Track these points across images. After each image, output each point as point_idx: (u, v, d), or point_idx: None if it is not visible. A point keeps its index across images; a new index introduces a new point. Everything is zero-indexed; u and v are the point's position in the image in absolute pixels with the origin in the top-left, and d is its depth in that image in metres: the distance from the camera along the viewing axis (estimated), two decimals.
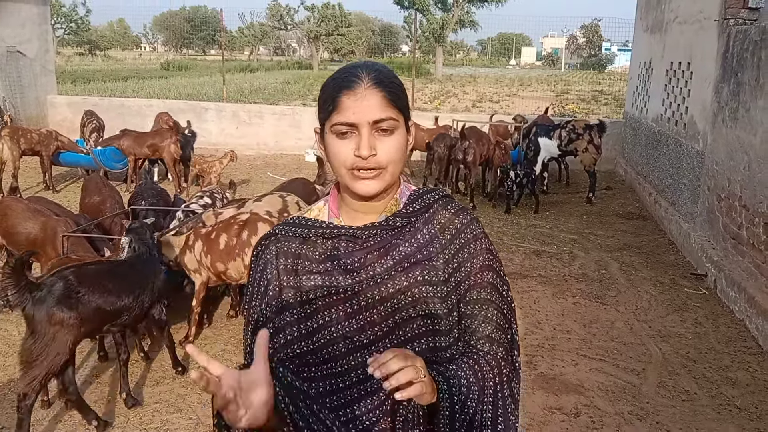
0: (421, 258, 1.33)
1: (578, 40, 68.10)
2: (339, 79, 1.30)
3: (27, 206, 5.03)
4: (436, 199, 1.40)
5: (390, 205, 1.37)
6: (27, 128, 9.41)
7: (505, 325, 1.37)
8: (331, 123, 1.28)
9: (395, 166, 1.30)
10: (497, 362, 1.34)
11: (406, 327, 1.30)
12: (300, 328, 1.31)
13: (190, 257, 4.48)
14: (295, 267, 1.34)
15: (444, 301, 1.32)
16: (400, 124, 1.30)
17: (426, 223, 1.37)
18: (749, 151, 5.41)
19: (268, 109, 13.42)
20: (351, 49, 53.24)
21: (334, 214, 1.40)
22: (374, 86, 1.27)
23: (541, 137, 9.26)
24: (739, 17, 6.24)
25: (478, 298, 1.35)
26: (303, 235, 1.36)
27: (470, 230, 1.38)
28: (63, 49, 57.20)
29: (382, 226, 1.34)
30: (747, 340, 4.87)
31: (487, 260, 1.37)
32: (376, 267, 1.31)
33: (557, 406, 3.90)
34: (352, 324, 1.29)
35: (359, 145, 1.25)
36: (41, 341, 3.17)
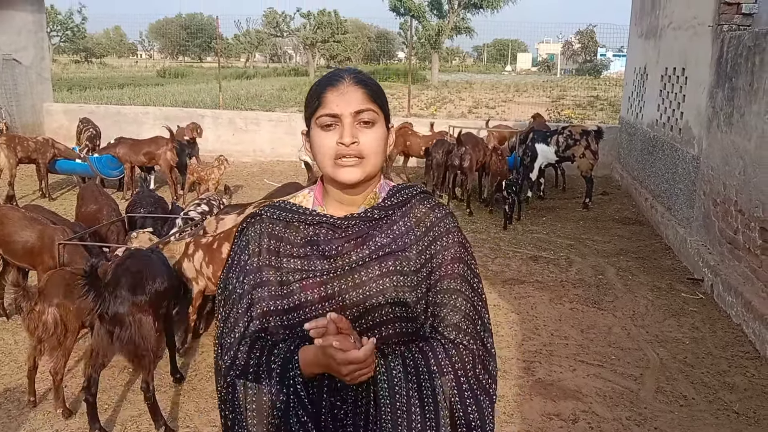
0: (396, 249, 1.41)
1: (573, 46, 68.32)
2: (324, 79, 1.43)
3: (23, 215, 5.02)
4: (414, 194, 1.49)
5: (369, 198, 1.47)
6: (23, 136, 9.40)
7: (475, 316, 1.44)
8: (316, 116, 1.39)
9: (376, 157, 1.40)
10: (460, 349, 1.40)
11: (375, 313, 1.38)
12: (276, 305, 1.40)
13: (188, 266, 4.47)
14: (277, 248, 1.43)
15: (414, 290, 1.40)
16: (380, 118, 1.41)
17: (403, 216, 1.45)
18: (744, 156, 5.43)
19: (264, 115, 13.43)
20: (347, 55, 53.31)
21: (318, 202, 1.50)
22: (355, 83, 1.39)
23: (538, 143, 9.28)
24: (732, 23, 6.28)
25: (448, 288, 1.42)
26: (287, 219, 1.46)
27: (444, 224, 1.46)
28: (59, 57, 57.15)
29: (361, 218, 1.43)
30: (744, 344, 4.87)
31: (459, 253, 1.45)
32: (352, 255, 1.40)
33: (555, 412, 3.90)
34: (326, 306, 1.37)
35: (342, 133, 1.36)
36: (133, 329, 3.42)
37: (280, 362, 1.35)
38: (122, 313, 3.41)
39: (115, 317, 3.39)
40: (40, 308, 3.57)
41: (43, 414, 3.75)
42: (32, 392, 3.81)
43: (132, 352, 3.46)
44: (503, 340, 4.85)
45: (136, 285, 3.51)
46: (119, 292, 3.43)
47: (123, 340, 3.42)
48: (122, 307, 3.41)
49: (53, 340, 3.59)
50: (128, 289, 3.47)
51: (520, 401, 4.01)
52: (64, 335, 3.62)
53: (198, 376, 4.26)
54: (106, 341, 3.41)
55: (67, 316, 3.62)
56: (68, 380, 4.16)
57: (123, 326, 3.41)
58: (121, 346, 3.43)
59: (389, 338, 1.39)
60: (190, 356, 4.54)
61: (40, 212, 5.32)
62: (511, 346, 4.76)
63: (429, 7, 42.36)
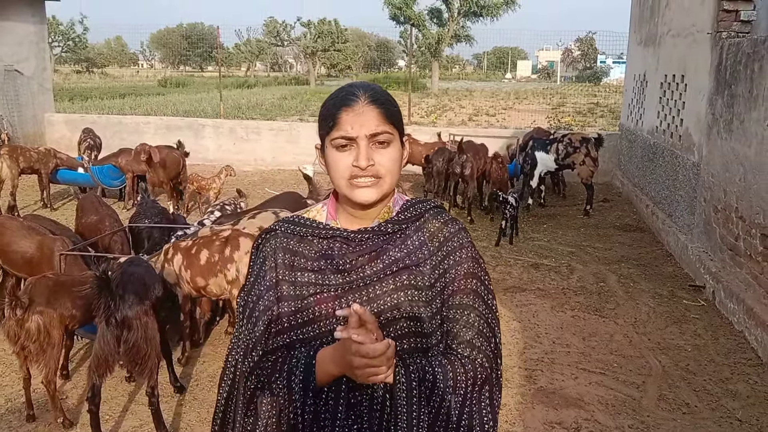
0: (409, 263, 1.42)
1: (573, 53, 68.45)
2: (338, 98, 1.40)
3: (23, 224, 5.02)
4: (427, 209, 1.49)
5: (383, 213, 1.47)
6: (26, 147, 9.43)
7: (488, 333, 1.44)
8: (331, 138, 1.38)
9: (391, 176, 1.40)
10: (473, 366, 1.40)
11: (390, 327, 1.38)
12: (292, 319, 1.41)
13: (169, 270, 4.47)
14: (291, 262, 1.44)
15: (428, 304, 1.40)
16: (395, 137, 1.40)
17: (416, 230, 1.46)
18: (744, 163, 5.44)
19: (265, 125, 13.47)
20: (347, 64, 53.49)
21: (331, 216, 1.50)
22: (371, 103, 1.37)
23: (538, 151, 9.29)
24: (731, 30, 6.30)
25: (461, 303, 1.42)
26: (301, 233, 1.46)
27: (457, 239, 1.46)
28: (60, 67, 57.35)
29: (375, 232, 1.43)
30: (746, 351, 4.86)
31: (472, 268, 1.45)
32: (366, 269, 1.40)
33: (557, 420, 3.88)
34: (340, 320, 1.36)
35: (357, 156, 1.36)
36: (140, 333, 3.47)
37: (303, 365, 1.36)
38: (130, 317, 3.45)
39: (123, 321, 3.43)
40: (23, 315, 3.57)
41: (45, 425, 3.75)
42: (30, 404, 3.81)
43: (136, 357, 3.49)
44: (505, 349, 4.84)
45: (141, 290, 3.59)
46: (127, 297, 3.47)
47: (129, 344, 3.45)
48: (131, 311, 3.46)
49: (36, 347, 3.59)
50: (135, 293, 3.52)
51: (522, 410, 3.99)
52: (48, 342, 3.62)
53: (199, 386, 4.26)
54: (112, 346, 3.42)
55: (50, 323, 3.63)
56: (69, 390, 4.16)
57: (131, 330, 3.46)
58: (127, 350, 3.46)
59: (403, 353, 1.38)
60: (191, 366, 4.53)
61: (40, 222, 5.33)
62: (512, 355, 4.75)
63: (429, 15, 42.47)
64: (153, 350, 3.55)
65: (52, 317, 3.63)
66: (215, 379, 4.35)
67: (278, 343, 1.42)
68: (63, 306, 3.71)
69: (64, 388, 4.20)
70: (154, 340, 3.57)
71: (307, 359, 1.37)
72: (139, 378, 3.94)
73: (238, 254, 4.27)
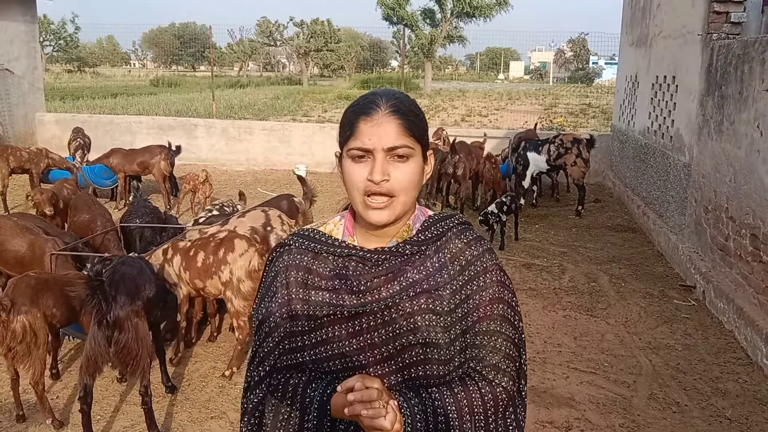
0: (428, 287, 1.34)
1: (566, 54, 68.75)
2: (358, 105, 1.34)
3: (15, 224, 5.00)
4: (450, 227, 1.42)
5: (402, 231, 1.40)
6: (16, 146, 9.37)
7: (515, 354, 1.39)
8: (347, 148, 1.32)
9: (407, 194, 1.33)
10: (497, 392, 1.35)
11: (405, 353, 1.33)
12: (304, 339, 1.36)
13: (169, 270, 4.47)
14: (305, 281, 1.38)
15: (446, 330, 1.33)
16: (415, 152, 1.33)
17: (437, 251, 1.38)
18: (734, 164, 5.48)
19: (257, 124, 13.44)
20: (340, 64, 53.47)
21: (348, 233, 1.43)
22: (391, 114, 1.30)
23: (530, 152, 9.33)
24: (721, 32, 6.34)
25: (488, 329, 1.36)
26: (315, 249, 1.40)
27: (481, 262, 1.38)
28: (52, 66, 57.06)
29: (392, 252, 1.36)
30: (736, 351, 4.89)
31: (498, 293, 1.38)
32: (382, 291, 1.34)
33: (549, 419, 3.90)
34: (353, 344, 1.33)
35: (372, 169, 1.29)
36: (131, 334, 3.47)
37: (317, 407, 1.33)
38: (122, 317, 3.44)
39: (115, 322, 3.42)
40: (7, 316, 3.55)
41: (36, 426, 3.73)
42: (19, 405, 3.79)
43: (127, 357, 3.48)
44: None
45: (132, 290, 3.58)
46: (118, 297, 3.46)
47: (120, 344, 3.44)
48: (122, 311, 3.45)
49: (23, 348, 3.57)
50: (126, 294, 3.51)
51: None
52: (34, 342, 3.60)
53: (191, 386, 4.25)
54: (103, 346, 3.41)
55: (36, 322, 3.61)
56: (60, 390, 4.14)
57: (122, 330, 3.45)
58: (118, 350, 3.44)
59: (419, 379, 1.33)
60: (182, 366, 4.52)
61: (33, 221, 5.31)
62: None
63: (422, 16, 42.54)
64: (144, 350, 3.54)
65: (36, 317, 3.61)
66: (207, 379, 4.35)
67: (291, 361, 1.38)
68: (46, 305, 3.70)
69: (55, 388, 4.18)
70: (145, 340, 3.56)
71: (321, 402, 1.33)
72: (131, 378, 3.94)
73: (232, 256, 4.27)
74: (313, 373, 1.38)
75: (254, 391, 1.42)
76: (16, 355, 3.60)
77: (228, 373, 4.34)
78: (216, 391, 4.16)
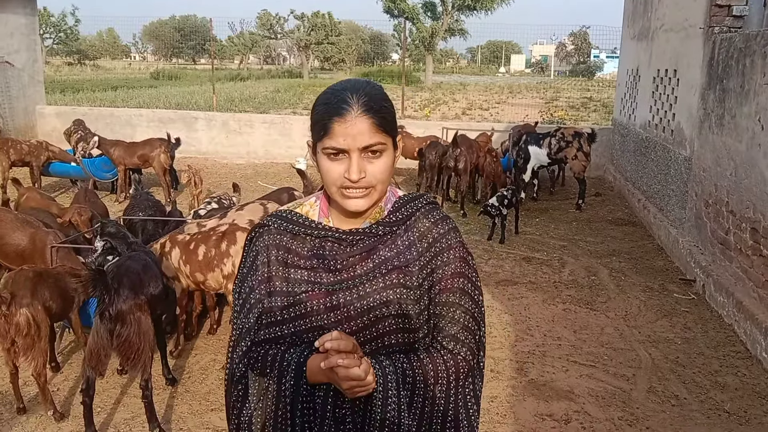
0: (399, 264, 1.44)
1: (567, 48, 68.55)
2: (329, 104, 1.36)
3: (16, 217, 5.01)
4: (418, 207, 1.51)
5: (374, 213, 1.49)
6: (17, 139, 9.37)
7: (473, 326, 1.49)
8: (322, 146, 1.37)
9: (383, 184, 1.42)
10: (457, 360, 1.46)
11: (379, 324, 1.43)
12: (285, 312, 1.44)
13: (167, 264, 4.46)
14: (285, 260, 1.47)
15: (416, 303, 1.44)
16: (388, 146, 1.40)
17: (406, 230, 1.48)
18: (735, 157, 5.47)
19: (258, 117, 13.42)
20: (341, 57, 53.34)
21: (324, 214, 1.51)
22: (363, 113, 1.34)
23: (531, 145, 9.31)
24: (723, 25, 6.32)
25: (447, 301, 1.46)
26: (293, 231, 1.48)
27: (446, 240, 1.49)
28: (52, 59, 56.97)
29: (366, 233, 1.46)
30: (735, 344, 4.90)
31: (460, 268, 1.48)
32: (357, 269, 1.44)
33: (548, 412, 3.91)
34: (330, 317, 1.42)
35: (349, 169, 1.35)
36: (133, 328, 3.47)
37: (293, 369, 1.41)
38: (124, 311, 3.45)
39: (117, 315, 3.43)
40: (10, 310, 3.55)
41: (36, 417, 3.74)
42: (19, 398, 3.80)
43: (129, 351, 3.49)
44: (496, 341, 4.86)
45: (136, 285, 3.59)
46: (122, 291, 3.47)
47: (122, 338, 3.45)
48: (125, 305, 3.46)
49: (28, 341, 3.58)
50: (130, 288, 3.52)
51: (512, 402, 4.02)
52: (38, 335, 3.61)
53: (191, 379, 4.26)
54: (105, 339, 3.42)
55: (38, 315, 3.62)
56: (60, 383, 4.16)
57: (124, 324, 3.46)
58: (119, 344, 3.46)
59: (391, 347, 1.44)
60: (183, 359, 4.54)
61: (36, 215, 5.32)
62: (504, 347, 4.77)
63: (423, 9, 42.41)
64: (146, 345, 3.55)
65: (38, 309, 3.63)
66: (207, 371, 4.36)
67: (270, 335, 1.45)
68: (44, 298, 3.71)
69: (55, 380, 4.19)
70: (147, 334, 3.57)
71: (297, 364, 1.41)
72: (132, 372, 3.95)
73: (235, 249, 4.27)
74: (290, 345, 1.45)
75: (238, 365, 1.48)
76: (19, 348, 3.60)
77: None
78: (216, 384, 4.18)
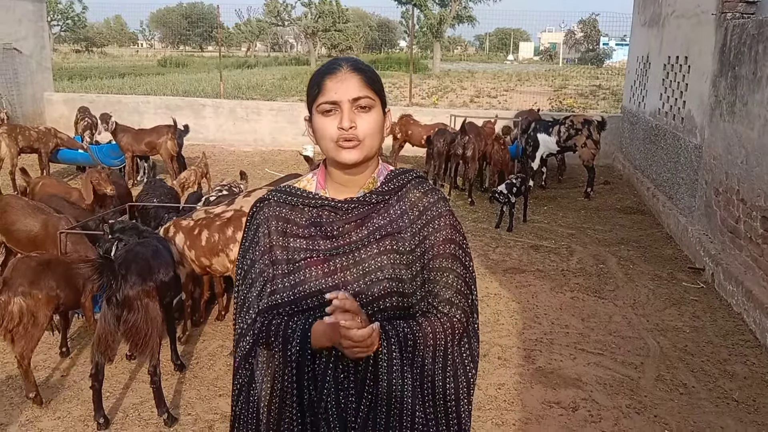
0: (392, 230, 1.54)
1: (576, 35, 67.95)
2: (323, 68, 1.54)
3: (27, 203, 5.03)
4: (409, 179, 1.60)
5: (368, 183, 1.58)
6: (25, 126, 9.39)
7: (465, 290, 1.57)
8: (317, 104, 1.50)
9: (372, 139, 1.51)
10: (453, 322, 1.54)
11: (374, 287, 1.50)
12: (286, 280, 1.53)
13: (172, 249, 4.46)
14: (284, 229, 1.56)
15: (409, 267, 1.53)
16: (376, 103, 1.52)
17: (399, 200, 1.57)
18: (747, 145, 5.42)
19: (265, 105, 13.40)
20: (348, 44, 53.09)
21: (320, 186, 1.61)
22: (353, 71, 1.49)
23: (540, 133, 9.26)
24: (736, 11, 6.24)
25: (441, 266, 1.55)
26: (292, 202, 1.58)
27: (436, 208, 1.57)
28: (59, 46, 56.98)
29: (360, 201, 1.55)
30: (745, 333, 4.88)
31: (450, 234, 1.57)
32: (352, 235, 1.53)
33: (555, 400, 3.91)
34: (328, 282, 1.50)
35: (341, 119, 1.47)
36: (140, 314, 3.47)
37: (299, 336, 1.47)
38: (131, 297, 3.45)
39: (124, 301, 3.43)
40: (4, 298, 3.54)
41: (46, 401, 3.76)
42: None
43: (136, 336, 3.49)
44: (504, 329, 4.85)
45: (145, 271, 3.59)
46: (129, 277, 3.46)
47: (129, 324, 3.45)
48: (132, 291, 3.46)
49: (21, 329, 3.55)
50: (138, 274, 3.52)
51: (520, 389, 4.02)
52: (32, 324, 3.57)
53: (199, 364, 4.28)
54: (112, 324, 3.43)
55: (35, 305, 3.57)
56: (69, 368, 4.18)
57: (131, 310, 3.46)
58: (126, 329, 3.46)
59: (387, 311, 1.51)
60: (191, 344, 4.55)
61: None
62: (511, 335, 4.77)
63: None
64: (154, 331, 3.54)
65: (37, 299, 3.58)
66: (215, 357, 4.38)
67: (272, 303, 1.53)
68: (49, 287, 3.65)
69: (63, 365, 4.22)
70: (155, 321, 3.56)
71: (302, 330, 1.47)
72: (140, 357, 3.95)
73: (240, 234, 4.27)
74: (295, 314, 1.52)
75: (245, 337, 1.55)
76: (14, 336, 3.56)
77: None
78: (224, 370, 4.19)
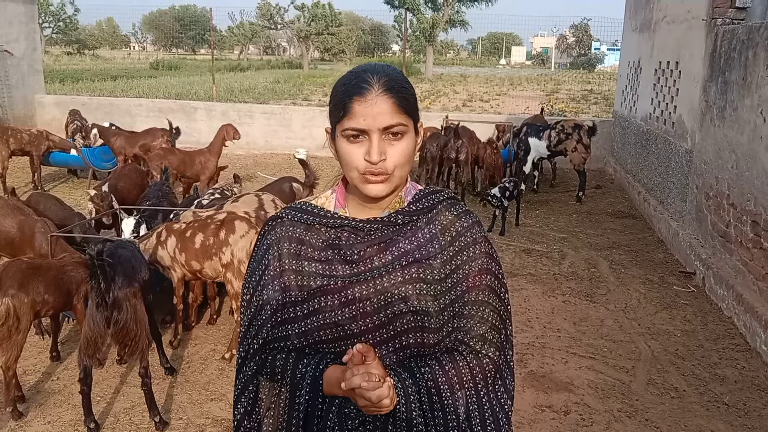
0: (419, 257, 1.36)
1: (568, 40, 68.28)
2: (350, 84, 1.31)
3: (6, 203, 4.94)
4: (440, 200, 1.43)
5: (394, 202, 1.41)
6: (17, 128, 9.33)
7: (500, 325, 1.41)
8: (342, 128, 1.31)
9: (402, 169, 1.34)
10: (483, 363, 1.37)
11: (396, 321, 1.34)
12: (296, 310, 1.36)
13: (163, 253, 4.45)
14: (298, 252, 1.39)
15: (436, 299, 1.35)
16: (409, 128, 1.33)
17: (428, 223, 1.40)
18: (737, 150, 5.45)
19: (258, 108, 13.37)
20: (341, 48, 53.16)
21: (340, 204, 1.44)
22: (384, 92, 1.28)
23: (531, 137, 9.30)
24: (726, 17, 6.29)
25: (476, 300, 1.38)
26: (308, 221, 1.41)
27: (470, 234, 1.41)
28: (51, 48, 56.75)
29: (384, 222, 1.38)
30: (735, 337, 4.90)
31: (486, 264, 1.40)
32: (375, 261, 1.35)
33: (547, 404, 3.91)
34: (345, 312, 1.34)
35: (370, 150, 1.29)
36: (129, 314, 3.48)
37: (309, 384, 1.34)
38: (120, 298, 3.44)
39: (113, 302, 3.42)
40: None
41: (36, 406, 3.75)
42: (17, 386, 3.76)
43: (126, 338, 3.49)
44: None
45: (130, 272, 3.59)
46: (117, 279, 3.45)
47: (119, 325, 3.44)
48: (120, 292, 3.45)
49: (4, 331, 3.52)
50: (124, 275, 3.52)
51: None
52: (15, 327, 3.55)
53: (191, 369, 4.26)
54: (102, 327, 3.40)
55: (21, 308, 3.55)
56: (60, 372, 4.16)
57: (120, 311, 3.44)
58: (116, 331, 3.44)
59: (409, 348, 1.35)
60: (182, 348, 4.54)
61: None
62: None
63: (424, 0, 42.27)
64: (142, 331, 3.55)
65: (23, 302, 3.56)
66: (207, 361, 4.36)
67: (281, 334, 1.39)
68: (36, 291, 3.63)
69: (55, 369, 4.19)
70: (143, 321, 3.57)
71: (313, 378, 1.34)
72: (129, 359, 3.93)
73: (233, 237, 4.26)
74: (305, 348, 1.38)
75: (248, 364, 1.43)
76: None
77: (228, 355, 4.36)
78: (216, 374, 4.18)
